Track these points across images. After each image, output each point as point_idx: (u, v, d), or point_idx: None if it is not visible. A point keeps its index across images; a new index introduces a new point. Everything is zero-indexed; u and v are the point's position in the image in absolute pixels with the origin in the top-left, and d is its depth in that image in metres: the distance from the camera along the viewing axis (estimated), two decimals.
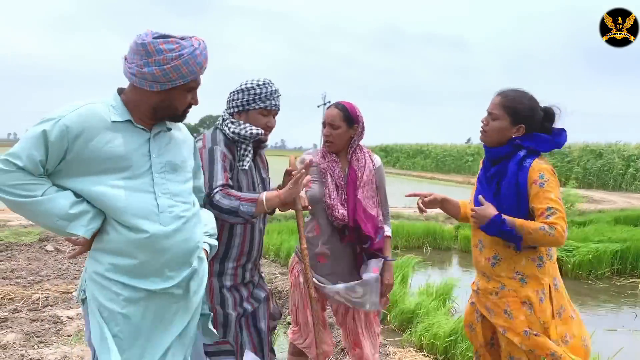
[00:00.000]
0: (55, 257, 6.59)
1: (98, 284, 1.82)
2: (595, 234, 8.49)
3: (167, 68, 1.76)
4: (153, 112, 1.87)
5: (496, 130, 2.42)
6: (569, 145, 31.58)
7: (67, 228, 1.74)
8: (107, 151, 1.76)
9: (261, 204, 2.23)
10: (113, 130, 1.79)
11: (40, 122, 1.73)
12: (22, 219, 8.96)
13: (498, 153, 2.44)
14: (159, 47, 1.75)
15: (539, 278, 2.39)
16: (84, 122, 1.74)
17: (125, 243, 1.79)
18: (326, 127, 2.78)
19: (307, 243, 2.83)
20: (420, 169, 43.51)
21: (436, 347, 3.98)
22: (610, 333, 5.13)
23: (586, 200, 17.84)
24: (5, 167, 1.67)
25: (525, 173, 2.32)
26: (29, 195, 1.68)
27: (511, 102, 2.39)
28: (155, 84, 1.79)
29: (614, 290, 6.93)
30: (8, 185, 1.67)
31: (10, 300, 4.76)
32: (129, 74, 1.81)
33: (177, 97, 1.87)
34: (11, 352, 3.56)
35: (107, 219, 1.81)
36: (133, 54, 1.79)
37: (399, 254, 8.19)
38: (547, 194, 2.28)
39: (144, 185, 1.83)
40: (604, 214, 12.52)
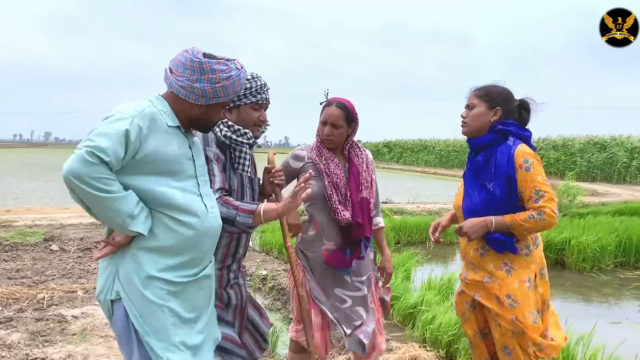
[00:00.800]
0: (60, 256, 6.63)
1: (139, 281, 1.87)
2: (598, 226, 8.48)
3: (217, 87, 1.94)
4: (189, 122, 2.02)
5: (475, 117, 2.51)
6: (573, 138, 31.51)
7: (130, 225, 1.80)
8: (167, 153, 1.88)
9: (259, 216, 2.20)
10: (169, 134, 1.92)
11: (116, 119, 1.77)
12: (27, 219, 9.01)
13: (481, 141, 2.50)
14: (213, 67, 1.92)
15: (526, 267, 2.44)
16: (151, 124, 1.84)
17: (177, 241, 1.90)
18: (327, 127, 2.77)
19: (308, 243, 2.85)
20: (423, 165, 43.47)
21: (439, 341, 3.98)
22: (614, 325, 5.12)
23: (590, 193, 17.82)
24: (91, 159, 1.68)
25: (512, 159, 2.38)
26: (108, 190, 1.71)
27: (484, 90, 2.52)
28: (202, 98, 1.95)
29: (617, 282, 6.92)
30: (92, 178, 1.68)
31: (16, 299, 4.79)
32: (178, 86, 1.93)
33: (215, 112, 2.04)
34: (16, 352, 3.58)
35: (157, 219, 1.89)
36: (185, 68, 1.92)
37: (402, 249, 8.20)
38: (534, 176, 2.35)
39: (193, 187, 1.98)
40: (608, 207, 12.49)
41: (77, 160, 1.67)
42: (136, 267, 1.88)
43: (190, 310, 1.99)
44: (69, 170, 1.67)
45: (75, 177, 1.67)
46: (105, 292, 1.93)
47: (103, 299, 1.95)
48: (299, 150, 2.92)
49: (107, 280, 1.92)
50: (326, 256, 2.80)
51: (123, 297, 1.89)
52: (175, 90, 1.95)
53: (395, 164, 46.53)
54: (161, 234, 1.89)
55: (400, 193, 17.00)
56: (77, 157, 1.68)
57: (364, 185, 2.81)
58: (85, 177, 1.67)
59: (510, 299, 2.40)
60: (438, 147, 44.36)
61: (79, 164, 1.67)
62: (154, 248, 1.89)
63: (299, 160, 2.87)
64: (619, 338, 3.75)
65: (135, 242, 1.88)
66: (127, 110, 1.82)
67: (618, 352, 3.56)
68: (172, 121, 1.94)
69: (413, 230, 9.24)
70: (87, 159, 1.67)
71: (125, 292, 1.88)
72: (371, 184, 2.87)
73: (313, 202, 2.79)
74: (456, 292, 2.78)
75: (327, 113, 2.78)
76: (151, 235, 1.88)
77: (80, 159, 1.67)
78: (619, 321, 5.31)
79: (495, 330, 2.49)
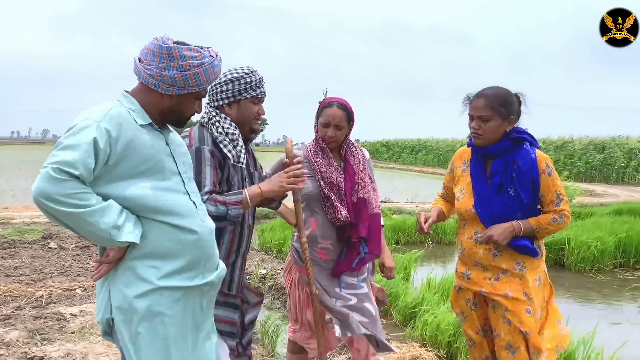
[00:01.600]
0: (58, 254, 6.61)
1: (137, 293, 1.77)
2: (597, 227, 8.48)
3: (188, 74, 1.83)
4: (161, 115, 1.91)
5: (492, 130, 2.49)
6: (572, 139, 31.54)
7: (118, 237, 1.69)
8: (142, 154, 1.78)
9: (246, 203, 2.22)
10: (141, 133, 1.80)
11: (80, 128, 1.67)
12: (25, 217, 8.97)
13: (497, 149, 2.51)
14: (183, 53, 1.82)
15: (537, 266, 2.53)
16: (118, 126, 1.73)
17: (172, 243, 1.81)
18: (331, 129, 2.74)
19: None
20: (422, 164, 43.48)
21: (439, 341, 3.97)
22: (614, 327, 5.12)
23: (588, 193, 17.84)
24: (59, 176, 1.57)
25: (536, 165, 2.45)
26: (84, 205, 1.61)
27: (495, 101, 2.48)
28: (172, 87, 1.84)
29: (617, 283, 6.91)
30: (64, 195, 1.57)
31: (14, 297, 4.77)
32: (146, 75, 1.83)
33: (187, 103, 1.92)
34: (14, 350, 3.56)
35: (147, 223, 1.79)
36: (153, 56, 1.82)
37: (402, 248, 8.19)
38: (555, 181, 2.47)
39: (177, 186, 1.88)
40: (606, 207, 12.50)
41: (44, 180, 1.57)
42: (132, 279, 1.77)
43: (192, 318, 1.91)
44: (38, 191, 1.56)
45: (45, 198, 1.56)
46: (102, 312, 1.84)
47: (100, 319, 1.85)
48: (294, 150, 2.89)
49: (103, 299, 1.83)
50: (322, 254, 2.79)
51: (116, 320, 1.79)
52: (144, 79, 1.84)
53: (394, 163, 46.52)
54: (155, 239, 1.79)
55: (399, 192, 16.99)
56: (43, 177, 1.57)
57: (360, 185, 2.79)
58: (55, 196, 1.56)
59: (527, 296, 2.47)
60: (436, 147, 44.37)
61: (47, 184, 1.56)
62: (150, 254, 1.79)
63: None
64: (619, 339, 3.75)
65: (129, 253, 1.78)
66: (91, 116, 1.71)
67: (619, 353, 3.55)
68: (142, 119, 1.83)
69: (412, 230, 9.21)
70: (55, 176, 1.56)
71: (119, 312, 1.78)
72: (368, 183, 2.85)
73: (309, 201, 2.78)
74: (453, 290, 2.77)
75: (330, 114, 2.74)
76: (144, 242, 1.77)
77: (47, 178, 1.57)
78: (618, 322, 5.31)
79: (502, 329, 2.49)
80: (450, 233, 9.41)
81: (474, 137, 2.55)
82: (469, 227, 2.60)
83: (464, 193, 2.62)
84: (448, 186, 2.84)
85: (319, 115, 2.79)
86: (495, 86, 2.56)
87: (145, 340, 1.78)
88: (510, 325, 2.45)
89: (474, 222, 2.56)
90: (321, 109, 2.79)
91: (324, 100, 2.85)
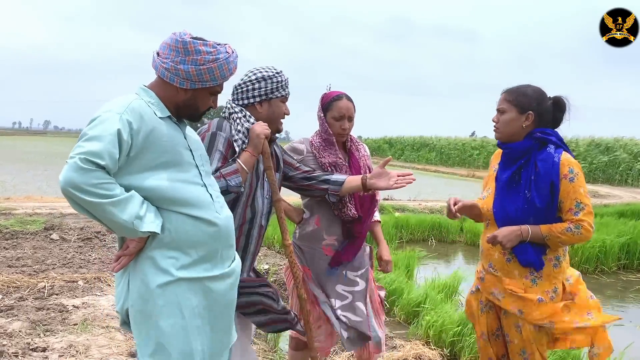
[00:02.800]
0: (60, 245, 6.59)
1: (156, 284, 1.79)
2: (601, 228, 8.45)
3: (202, 69, 1.85)
4: (176, 109, 1.93)
5: (506, 122, 2.43)
6: (576, 140, 31.47)
7: (140, 227, 1.71)
8: (161, 146, 1.80)
9: (243, 170, 2.23)
10: (160, 125, 1.83)
11: (104, 120, 1.69)
12: (27, 208, 8.96)
13: (519, 148, 2.40)
14: (198, 48, 1.84)
15: (552, 278, 2.37)
16: (140, 118, 1.76)
17: (190, 235, 1.83)
18: (345, 121, 2.74)
19: (306, 238, 2.82)
20: (424, 162, 43.41)
21: (443, 340, 3.95)
22: (617, 328, 5.09)
23: (591, 194, 17.77)
24: (87, 166, 1.59)
25: (557, 168, 2.30)
26: (109, 195, 1.63)
27: (514, 94, 2.43)
28: (186, 81, 1.86)
29: (620, 285, 6.90)
30: (91, 185, 1.60)
31: (16, 288, 4.75)
32: (162, 68, 1.86)
33: (202, 98, 1.95)
34: (17, 340, 3.55)
35: (165, 214, 1.81)
36: (170, 50, 1.85)
37: (404, 246, 8.17)
38: (577, 188, 2.29)
39: (195, 178, 1.90)
40: (610, 208, 12.46)
41: (72, 170, 1.59)
42: (152, 270, 1.80)
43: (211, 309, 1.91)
44: (66, 181, 1.59)
45: (73, 188, 1.59)
46: (122, 302, 1.86)
47: (120, 309, 1.88)
48: (297, 144, 2.87)
49: (123, 289, 1.86)
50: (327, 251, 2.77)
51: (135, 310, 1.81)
52: (160, 73, 1.88)
53: (396, 160, 46.48)
54: (173, 230, 1.81)
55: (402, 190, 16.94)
56: (71, 167, 1.60)
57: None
58: (84, 185, 1.59)
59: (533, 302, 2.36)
60: (439, 144, 44.28)
61: (75, 173, 1.59)
62: (169, 245, 1.81)
63: (298, 153, 2.82)
64: (623, 340, 3.72)
65: (149, 244, 1.80)
66: (114, 108, 1.73)
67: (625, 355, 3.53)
68: (161, 112, 1.86)
69: (415, 228, 9.21)
70: (83, 166, 1.59)
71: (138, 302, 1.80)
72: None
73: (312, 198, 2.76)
74: (470, 291, 2.72)
75: (343, 107, 2.72)
76: (163, 233, 1.80)
77: (76, 168, 1.59)
78: (621, 324, 5.28)
79: (515, 335, 2.43)
80: (453, 232, 9.40)
81: (494, 130, 2.51)
82: (490, 229, 2.53)
83: (489, 192, 2.55)
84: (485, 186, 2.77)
85: (328, 109, 2.75)
86: (527, 84, 2.46)
87: (164, 330, 1.80)
88: (522, 333, 2.40)
89: (494, 223, 2.49)
90: (329, 103, 2.75)
91: (328, 94, 2.81)
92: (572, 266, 7.47)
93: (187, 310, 1.83)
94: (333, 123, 2.74)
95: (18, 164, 22.68)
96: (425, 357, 3.75)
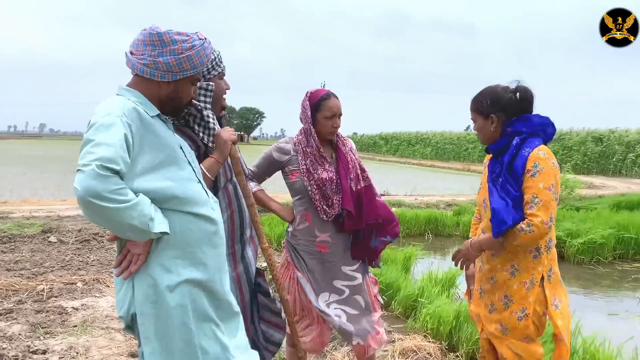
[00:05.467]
0: (58, 248, 6.59)
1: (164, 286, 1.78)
2: (596, 218, 8.50)
3: (181, 58, 1.83)
4: (160, 105, 1.90)
5: (479, 130, 2.52)
6: (569, 132, 31.58)
7: (153, 228, 1.69)
8: (157, 145, 1.79)
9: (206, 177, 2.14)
10: (153, 125, 1.81)
11: (109, 124, 1.65)
12: (24, 211, 8.96)
13: (496, 147, 2.44)
14: (174, 38, 1.82)
15: (531, 269, 2.38)
16: (137, 119, 1.74)
17: (193, 233, 1.82)
18: (336, 119, 2.75)
19: (299, 236, 2.84)
20: (420, 157, 43.53)
21: (440, 333, 3.99)
22: (613, 317, 5.14)
23: (586, 185, 17.87)
24: (104, 173, 1.55)
25: (524, 163, 2.29)
26: (125, 200, 1.60)
27: (474, 103, 2.50)
28: (167, 74, 1.84)
29: (616, 275, 6.95)
30: (110, 192, 1.56)
31: (15, 291, 4.76)
32: (140, 65, 1.82)
33: (184, 88, 1.92)
34: (17, 343, 3.56)
35: (168, 214, 1.78)
36: (145, 45, 1.82)
37: (401, 241, 8.21)
38: (536, 183, 2.24)
39: (191, 175, 1.89)
40: (605, 199, 12.53)
41: (91, 177, 1.54)
42: (158, 272, 1.78)
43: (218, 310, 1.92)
44: (86, 190, 1.53)
45: (94, 197, 1.53)
46: (127, 306, 1.83)
47: (125, 314, 1.84)
48: (283, 143, 2.85)
49: (127, 293, 1.82)
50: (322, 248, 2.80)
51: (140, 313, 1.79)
52: (138, 70, 1.83)
53: (392, 156, 46.55)
54: (177, 230, 1.79)
55: (398, 185, 17.00)
56: (89, 175, 1.54)
57: (353, 173, 2.80)
58: (104, 193, 1.54)
59: (507, 298, 2.40)
60: (434, 139, 44.37)
61: (94, 181, 1.54)
62: (173, 246, 1.79)
63: (284, 153, 2.81)
64: (619, 330, 3.77)
65: (154, 245, 1.78)
66: (113, 111, 1.69)
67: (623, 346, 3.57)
68: (151, 111, 1.83)
69: (412, 223, 9.25)
70: (101, 173, 1.54)
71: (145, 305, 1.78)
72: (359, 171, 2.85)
73: (302, 196, 2.78)
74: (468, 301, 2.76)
75: (334, 105, 2.73)
76: (170, 234, 1.78)
77: (95, 175, 1.54)
78: (615, 313, 5.33)
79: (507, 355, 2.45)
80: (449, 225, 9.44)
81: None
82: (482, 223, 2.57)
83: (480, 188, 2.62)
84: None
85: (319, 109, 2.73)
86: (487, 86, 2.50)
87: (172, 332, 1.79)
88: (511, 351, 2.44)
89: (484, 217, 2.53)
90: (318, 103, 2.72)
91: (313, 94, 2.78)
92: (568, 257, 7.43)
93: (193, 311, 1.82)
94: (325, 122, 2.74)
95: (14, 167, 22.63)
96: (424, 350, 3.78)
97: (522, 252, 2.37)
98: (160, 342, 1.80)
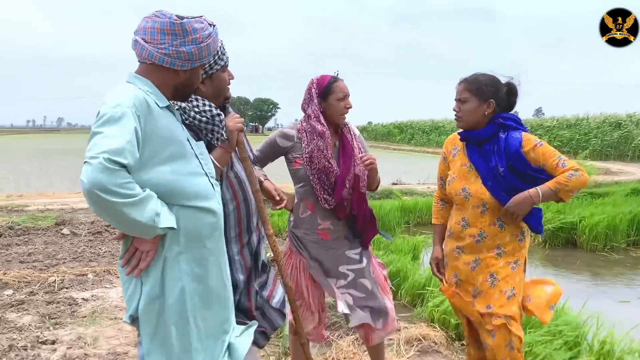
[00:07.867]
0: (71, 240, 6.69)
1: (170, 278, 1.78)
2: (610, 204, 8.38)
3: (202, 46, 1.83)
4: (173, 92, 1.89)
5: (469, 112, 2.53)
6: (586, 117, 31.08)
7: (160, 223, 1.66)
8: (166, 138, 1.75)
9: (217, 168, 2.12)
10: (162, 116, 1.78)
11: (119, 116, 1.61)
12: (39, 204, 9.09)
13: (484, 134, 2.52)
14: (194, 27, 1.80)
15: (517, 251, 2.51)
16: (144, 110, 1.69)
17: (196, 227, 1.81)
18: (347, 99, 2.76)
19: (302, 224, 2.84)
20: (435, 146, 43.17)
21: (448, 322, 3.97)
22: (624, 305, 5.08)
23: (603, 171, 17.63)
24: (112, 166, 1.51)
25: (521, 142, 2.44)
26: (132, 195, 1.56)
27: (473, 84, 2.53)
28: (188, 62, 1.83)
29: (629, 262, 6.85)
30: (117, 185, 1.51)
31: (27, 283, 4.85)
32: (160, 55, 1.78)
33: (197, 75, 1.94)
34: (27, 334, 3.63)
35: (175, 210, 1.76)
36: (163, 34, 1.77)
37: (411, 229, 8.19)
38: (549, 148, 2.43)
39: (198, 168, 1.86)
40: (621, 185, 12.34)
41: (98, 170, 1.49)
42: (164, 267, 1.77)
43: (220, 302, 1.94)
44: (93, 183, 1.49)
45: (100, 190, 1.49)
46: (136, 304, 1.81)
47: (135, 312, 1.82)
48: (287, 129, 2.85)
49: (135, 292, 1.81)
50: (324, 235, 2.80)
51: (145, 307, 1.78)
52: (157, 59, 1.79)
53: (407, 145, 46.30)
54: (183, 225, 1.77)
55: (412, 174, 16.91)
56: (97, 168, 1.49)
57: (357, 162, 2.78)
58: (110, 186, 1.50)
59: (492, 277, 2.48)
60: (449, 127, 43.95)
61: (102, 174, 1.49)
62: (179, 241, 1.78)
63: (288, 139, 2.81)
64: (630, 317, 3.71)
65: (161, 241, 1.76)
66: (123, 102, 1.64)
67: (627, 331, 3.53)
68: (161, 101, 1.80)
69: (423, 211, 9.20)
70: (109, 166, 1.50)
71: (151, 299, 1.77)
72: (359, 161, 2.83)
73: (305, 183, 2.77)
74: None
75: (343, 87, 2.75)
76: (177, 229, 1.76)
77: (102, 168, 1.49)
78: (627, 300, 5.27)
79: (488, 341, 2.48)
80: None
81: (455, 120, 2.61)
82: (457, 212, 2.61)
83: (454, 177, 2.62)
84: (444, 175, 2.77)
85: (330, 92, 2.73)
86: (482, 72, 2.58)
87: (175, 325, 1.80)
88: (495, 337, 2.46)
89: (462, 207, 2.57)
90: (328, 86, 2.73)
91: (320, 79, 2.79)
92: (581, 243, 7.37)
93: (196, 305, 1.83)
94: (337, 104, 2.74)
95: (31, 161, 22.95)
96: (429, 338, 3.78)
97: (508, 234, 2.49)
98: (159, 336, 1.81)
